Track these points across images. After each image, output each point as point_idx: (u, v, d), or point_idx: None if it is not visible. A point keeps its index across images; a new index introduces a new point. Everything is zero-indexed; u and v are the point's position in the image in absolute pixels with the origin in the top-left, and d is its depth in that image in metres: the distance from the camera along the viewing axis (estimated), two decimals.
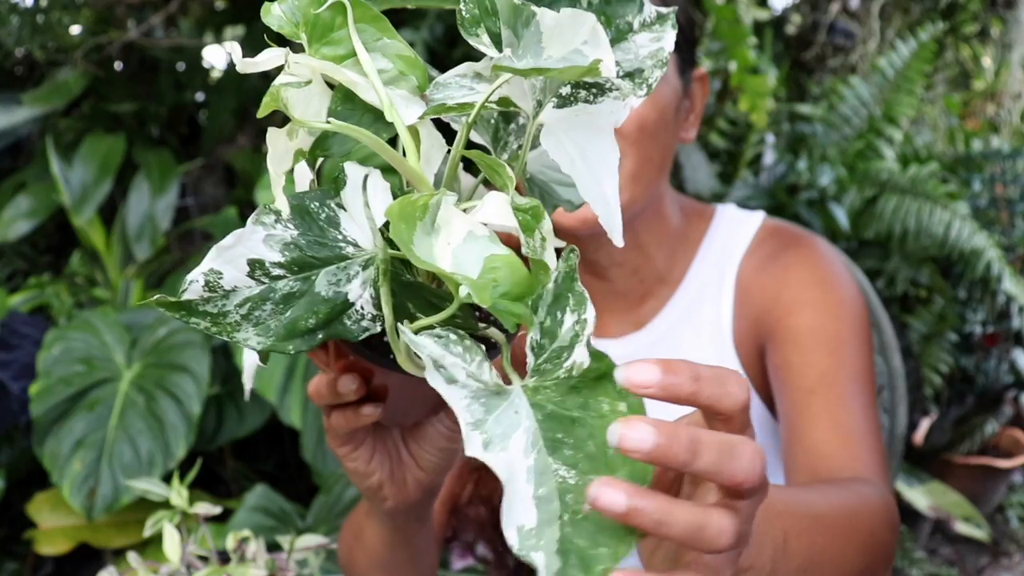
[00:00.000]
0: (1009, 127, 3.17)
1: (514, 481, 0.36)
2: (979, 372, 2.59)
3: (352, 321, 0.42)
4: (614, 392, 0.39)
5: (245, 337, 0.41)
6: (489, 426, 0.36)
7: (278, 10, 0.42)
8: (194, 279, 0.40)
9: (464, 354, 0.37)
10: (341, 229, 0.42)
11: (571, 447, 0.37)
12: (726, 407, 0.39)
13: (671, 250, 0.93)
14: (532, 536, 0.35)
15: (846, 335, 0.83)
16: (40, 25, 2.15)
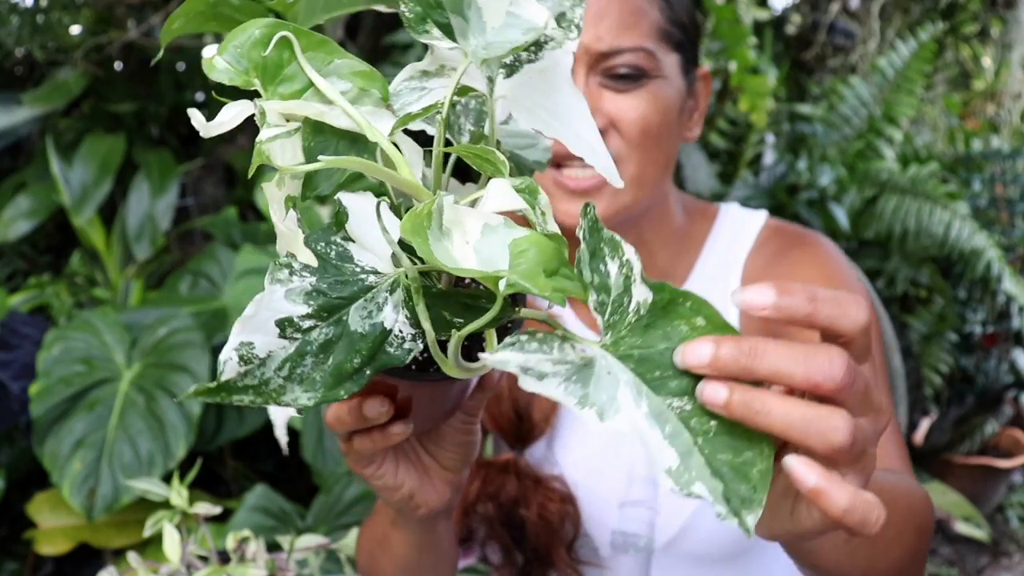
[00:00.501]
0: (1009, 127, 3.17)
1: (642, 433, 0.37)
2: (979, 372, 2.59)
3: (395, 347, 0.41)
4: (688, 312, 0.40)
5: (293, 398, 0.40)
6: (594, 397, 0.38)
7: (223, 63, 0.41)
8: (227, 358, 0.39)
9: (542, 347, 0.38)
10: (356, 261, 0.41)
11: (672, 377, 0.39)
12: (845, 328, 0.40)
13: (675, 249, 0.93)
14: (682, 472, 0.37)
15: None
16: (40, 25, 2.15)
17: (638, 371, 0.39)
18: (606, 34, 0.79)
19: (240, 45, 0.40)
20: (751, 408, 0.38)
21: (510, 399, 0.90)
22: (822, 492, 0.39)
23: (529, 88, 0.44)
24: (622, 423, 0.37)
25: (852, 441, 0.39)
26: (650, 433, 0.38)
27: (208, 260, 2.06)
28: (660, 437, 0.38)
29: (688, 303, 0.40)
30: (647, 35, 0.81)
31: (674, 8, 0.84)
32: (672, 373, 0.39)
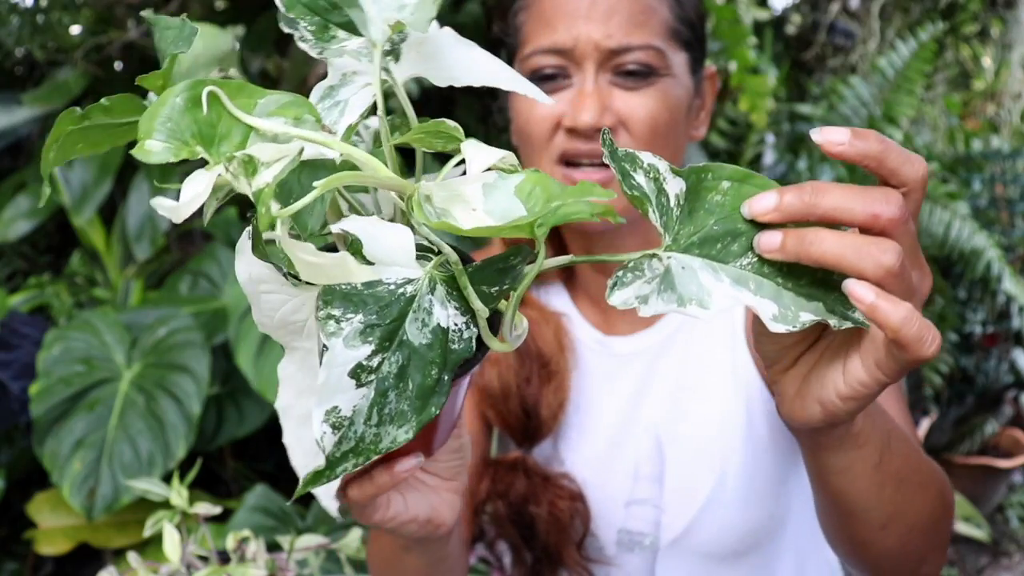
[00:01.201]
0: (1009, 127, 3.17)
1: (737, 299, 0.41)
2: (979, 372, 2.59)
3: (457, 343, 0.41)
4: (712, 183, 0.43)
5: (392, 439, 0.39)
6: (686, 294, 0.41)
7: (158, 145, 0.38)
8: (321, 433, 0.38)
9: (635, 274, 0.42)
10: (385, 281, 0.40)
11: (731, 243, 0.42)
12: (907, 175, 0.43)
13: None
14: (786, 313, 0.41)
15: None
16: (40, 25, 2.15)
17: (703, 254, 0.42)
18: (616, 31, 0.79)
19: (169, 118, 0.38)
20: (805, 241, 0.41)
21: (518, 397, 0.89)
22: (878, 307, 0.41)
23: (427, 55, 0.46)
24: (721, 301, 0.41)
25: (902, 266, 0.41)
26: (742, 296, 0.41)
27: (208, 260, 2.06)
28: (751, 295, 0.41)
29: (709, 174, 0.43)
30: (657, 33, 0.81)
31: (683, 6, 0.84)
32: (729, 240, 0.42)
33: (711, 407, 0.89)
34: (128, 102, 0.41)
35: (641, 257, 0.42)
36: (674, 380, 0.90)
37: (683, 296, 0.41)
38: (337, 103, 0.44)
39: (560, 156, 0.83)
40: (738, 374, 0.89)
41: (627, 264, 0.42)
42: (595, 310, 0.96)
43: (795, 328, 0.41)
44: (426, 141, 0.45)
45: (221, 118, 0.39)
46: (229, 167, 0.37)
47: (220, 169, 0.38)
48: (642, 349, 0.92)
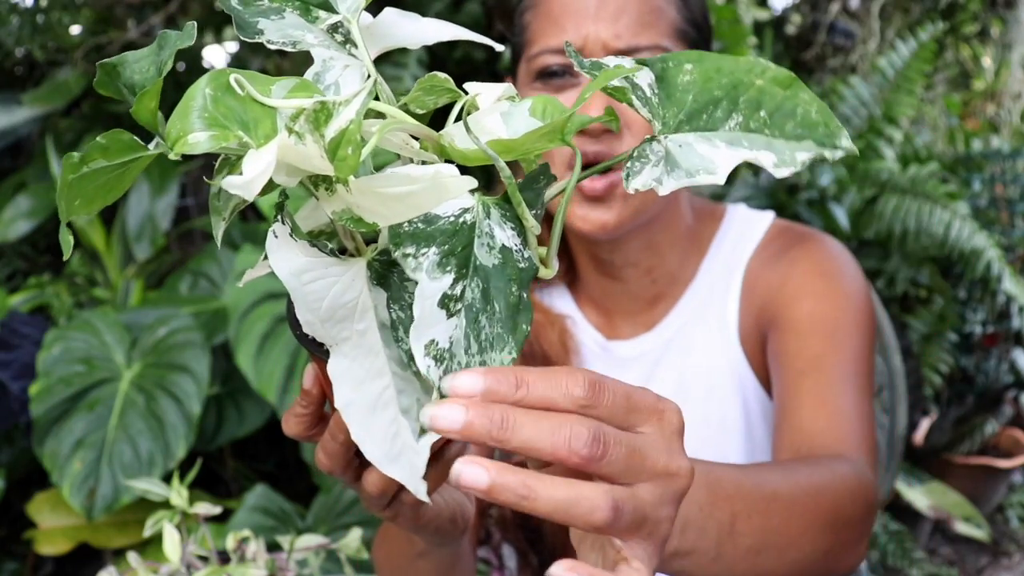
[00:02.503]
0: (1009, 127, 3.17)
1: (741, 158, 0.43)
2: (979, 372, 2.59)
3: (522, 261, 0.42)
4: (675, 69, 0.45)
5: (501, 363, 0.40)
6: (692, 168, 0.43)
7: (200, 135, 0.37)
8: (426, 367, 0.39)
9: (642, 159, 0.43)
10: (443, 214, 0.41)
11: (712, 111, 0.44)
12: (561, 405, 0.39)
13: (683, 250, 0.93)
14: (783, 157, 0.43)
15: (845, 324, 0.83)
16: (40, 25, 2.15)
17: (693, 128, 0.44)
18: (624, 32, 0.79)
19: (204, 109, 0.38)
20: (517, 494, 0.37)
21: None
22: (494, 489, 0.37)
23: (377, 41, 0.48)
24: (725, 163, 0.43)
25: (614, 516, 0.38)
26: (741, 154, 0.43)
27: (208, 260, 2.06)
28: (748, 151, 0.43)
29: (669, 62, 0.45)
30: (665, 34, 0.81)
31: (691, 7, 0.84)
32: (711, 108, 0.44)
33: (710, 409, 0.89)
34: (125, 140, 0.41)
35: (641, 145, 0.43)
36: (674, 383, 0.90)
37: (689, 169, 0.43)
38: (328, 87, 0.45)
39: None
40: (734, 374, 0.89)
41: (632, 154, 0.43)
42: (598, 313, 0.96)
43: (797, 168, 0.43)
44: (420, 100, 0.46)
45: (247, 105, 0.39)
46: (294, 126, 0.37)
47: (283, 136, 0.37)
48: (643, 353, 0.92)
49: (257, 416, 1.88)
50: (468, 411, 0.37)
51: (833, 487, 0.65)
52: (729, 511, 0.52)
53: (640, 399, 0.41)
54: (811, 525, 0.60)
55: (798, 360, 0.81)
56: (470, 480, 0.37)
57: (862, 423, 0.77)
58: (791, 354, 0.82)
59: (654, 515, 0.41)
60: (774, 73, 0.44)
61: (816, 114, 0.43)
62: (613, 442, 0.39)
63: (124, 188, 0.43)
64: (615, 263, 0.91)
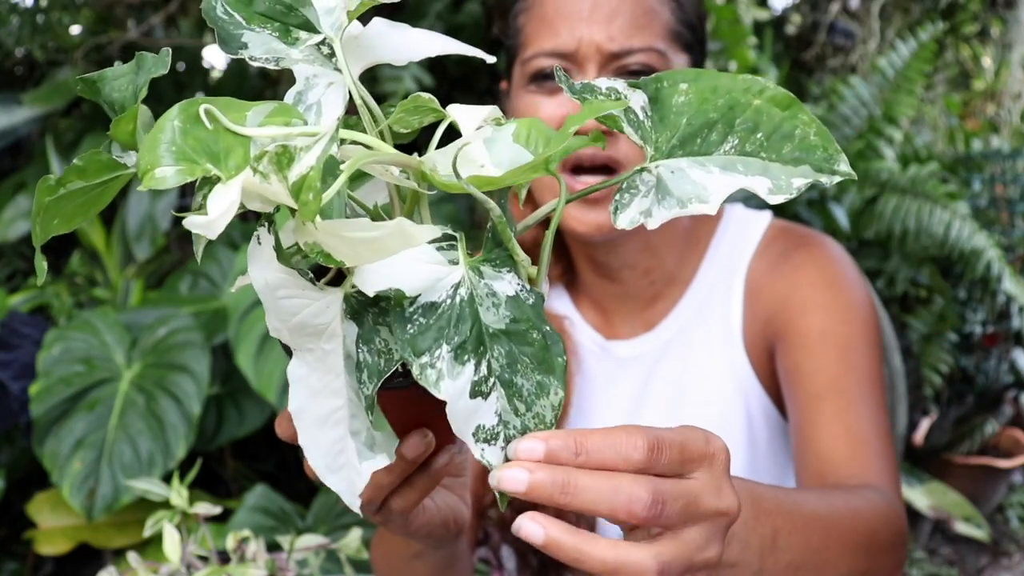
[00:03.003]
0: (1009, 127, 3.17)
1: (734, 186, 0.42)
2: (979, 372, 2.59)
3: (526, 299, 0.42)
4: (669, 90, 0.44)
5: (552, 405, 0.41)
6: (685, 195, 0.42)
7: (168, 171, 0.37)
8: (481, 453, 0.40)
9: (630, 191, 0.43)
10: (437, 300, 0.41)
11: (707, 135, 0.43)
12: (621, 467, 0.42)
13: (681, 251, 0.92)
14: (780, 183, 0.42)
15: (856, 339, 0.83)
16: (40, 25, 2.15)
17: (687, 152, 0.43)
18: (618, 34, 0.79)
19: (172, 143, 0.37)
20: (568, 553, 0.40)
21: None
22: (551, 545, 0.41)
23: (364, 53, 0.48)
24: (719, 191, 0.42)
25: (660, 572, 0.41)
26: (735, 180, 0.42)
27: (208, 260, 2.06)
28: (743, 177, 0.42)
29: (664, 82, 0.44)
30: (659, 35, 0.81)
31: (685, 9, 0.84)
32: (706, 131, 0.43)
33: (711, 410, 0.89)
34: (103, 160, 0.41)
35: (631, 175, 0.43)
36: (674, 384, 0.90)
37: (682, 198, 0.42)
38: (309, 107, 0.45)
39: (561, 167, 0.82)
40: (737, 377, 0.89)
41: (621, 185, 0.42)
42: (596, 313, 0.95)
43: (792, 195, 0.42)
44: (405, 120, 0.46)
45: (219, 135, 0.38)
46: (258, 166, 0.37)
47: (247, 174, 0.37)
48: (642, 353, 0.92)
49: (257, 416, 1.88)
50: (532, 474, 0.40)
51: (869, 513, 0.66)
52: (771, 526, 0.53)
53: (693, 448, 0.43)
54: (848, 547, 0.61)
55: (814, 382, 0.81)
56: (528, 534, 0.41)
57: (883, 444, 0.78)
58: (805, 374, 0.82)
59: (702, 557, 0.43)
60: (772, 93, 0.43)
61: (815, 136, 0.42)
62: (671, 499, 0.41)
63: (104, 204, 0.43)
64: (612, 265, 0.91)
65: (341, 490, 0.43)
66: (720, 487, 0.44)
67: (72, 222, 0.43)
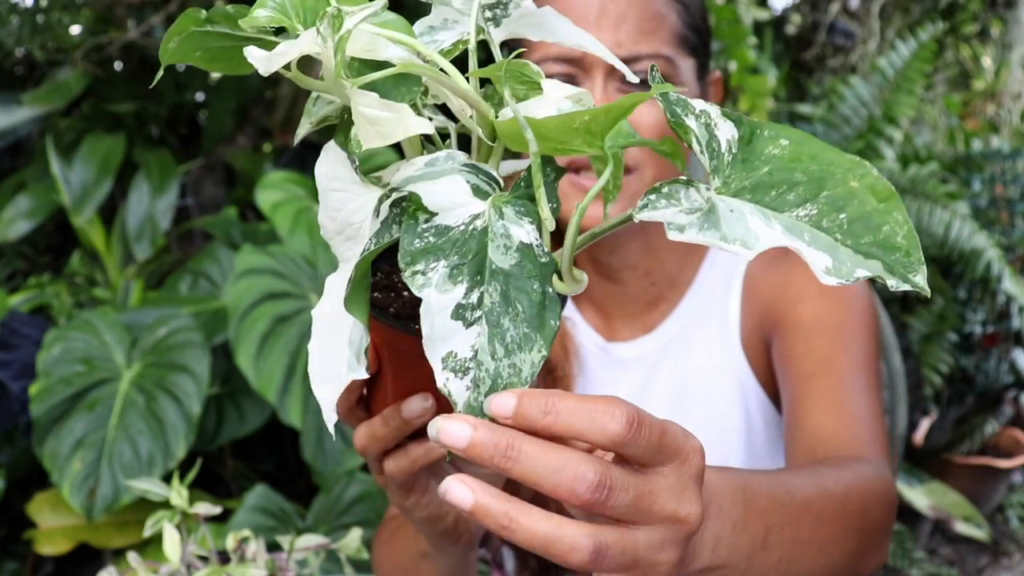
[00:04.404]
0: (1009, 127, 3.17)
1: (786, 244, 0.40)
2: (979, 372, 2.59)
3: (543, 256, 0.41)
4: (768, 139, 0.42)
5: (531, 363, 0.39)
6: (731, 234, 0.40)
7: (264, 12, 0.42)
8: (444, 380, 0.38)
9: (671, 201, 0.40)
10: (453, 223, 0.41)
11: (787, 192, 0.41)
12: (594, 440, 0.40)
13: (682, 252, 0.93)
14: (839, 267, 0.40)
15: (850, 323, 0.83)
16: (40, 25, 2.15)
17: (755, 200, 0.41)
18: (626, 40, 0.78)
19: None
20: (499, 522, 0.38)
21: None
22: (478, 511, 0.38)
23: (520, 28, 0.49)
24: (767, 243, 0.40)
25: (594, 559, 0.39)
26: (795, 244, 0.40)
27: (208, 260, 2.06)
28: (804, 246, 0.40)
29: (766, 130, 0.42)
30: (666, 41, 0.80)
31: (691, 13, 0.83)
32: (786, 188, 0.41)
33: (711, 412, 0.89)
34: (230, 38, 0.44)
35: (673, 184, 0.41)
36: (674, 386, 0.90)
37: (727, 235, 0.40)
38: (434, 41, 0.47)
39: (567, 163, 0.82)
40: (736, 379, 0.89)
41: (659, 188, 0.41)
42: (597, 315, 0.96)
43: (848, 282, 0.39)
44: (509, 82, 0.46)
45: (320, 5, 0.42)
46: (320, 27, 0.39)
47: (312, 33, 0.40)
48: (642, 355, 0.92)
49: (257, 416, 1.88)
50: (475, 431, 0.38)
51: (859, 490, 0.65)
52: (763, 525, 0.52)
53: (671, 439, 0.41)
54: (840, 530, 0.61)
55: (806, 362, 0.81)
56: (455, 498, 0.38)
57: (874, 422, 0.77)
58: (798, 356, 0.82)
59: (650, 558, 0.41)
60: (873, 181, 0.41)
61: (902, 239, 0.40)
62: (619, 487, 0.39)
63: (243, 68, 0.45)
64: (614, 265, 0.91)
65: (323, 400, 0.43)
66: (684, 490, 0.42)
67: (214, 63, 0.46)
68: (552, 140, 0.42)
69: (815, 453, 0.75)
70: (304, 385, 1.64)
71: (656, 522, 0.41)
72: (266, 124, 2.59)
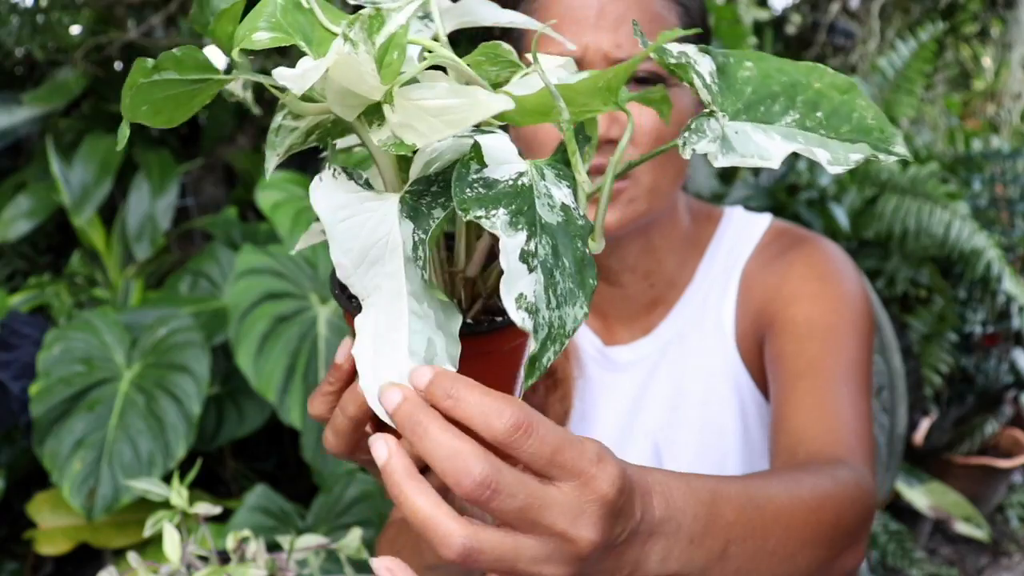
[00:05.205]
0: (1009, 127, 3.17)
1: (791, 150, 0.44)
2: (979, 372, 2.59)
3: (580, 219, 0.43)
4: (736, 64, 0.47)
5: (574, 319, 0.40)
6: (746, 151, 0.44)
7: (264, 35, 0.42)
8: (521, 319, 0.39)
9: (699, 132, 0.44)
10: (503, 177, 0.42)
11: (771, 105, 0.46)
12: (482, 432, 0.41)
13: (681, 253, 0.92)
14: (838, 155, 0.45)
15: (841, 326, 0.82)
16: (40, 25, 2.15)
17: (751, 118, 0.45)
18: (625, 41, 0.78)
19: (272, 15, 0.42)
20: (393, 489, 0.41)
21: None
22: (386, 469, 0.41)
23: (453, 19, 0.50)
24: (779, 152, 0.44)
25: (463, 557, 0.39)
26: (796, 147, 0.44)
27: (208, 260, 2.06)
28: (803, 146, 0.45)
29: (730, 58, 0.47)
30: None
31: (691, 13, 0.83)
32: (770, 102, 0.46)
33: (708, 412, 0.89)
34: (199, 59, 0.43)
35: (698, 119, 0.44)
36: (672, 388, 0.90)
37: (744, 154, 0.44)
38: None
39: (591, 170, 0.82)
40: (732, 380, 0.89)
41: (690, 126, 0.44)
42: (596, 318, 0.96)
43: (850, 167, 0.45)
44: (482, 67, 0.47)
45: (314, 25, 0.42)
46: (350, 33, 0.39)
47: (339, 43, 0.39)
48: (640, 358, 0.92)
49: (257, 416, 1.88)
50: (403, 402, 0.41)
51: (835, 498, 0.64)
52: (724, 539, 0.51)
53: (569, 457, 0.41)
54: (809, 540, 0.59)
55: (795, 364, 0.81)
56: (376, 450, 0.41)
57: (859, 424, 0.76)
58: (788, 357, 0.82)
59: (531, 569, 0.41)
60: (832, 78, 0.46)
61: (872, 120, 0.45)
62: (506, 492, 0.39)
63: (192, 110, 0.45)
64: (613, 267, 0.91)
65: (368, 388, 0.43)
66: (581, 513, 0.41)
67: (160, 116, 0.45)
68: (576, 105, 0.44)
69: (796, 454, 0.75)
70: (304, 385, 1.64)
71: (544, 535, 0.41)
72: (266, 124, 2.58)
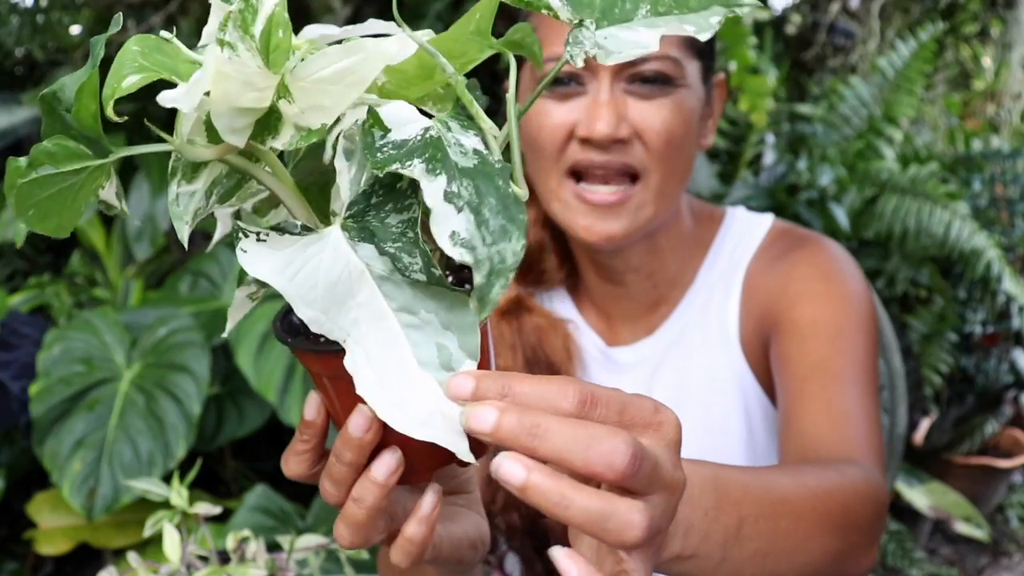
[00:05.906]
0: (1009, 127, 3.17)
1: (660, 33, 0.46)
2: (979, 372, 2.59)
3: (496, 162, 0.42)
4: None
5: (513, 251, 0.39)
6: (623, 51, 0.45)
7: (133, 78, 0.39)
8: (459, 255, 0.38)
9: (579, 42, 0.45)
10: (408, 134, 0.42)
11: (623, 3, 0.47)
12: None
13: (684, 254, 0.92)
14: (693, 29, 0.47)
15: (847, 326, 0.82)
16: (40, 25, 2.15)
17: (611, 21, 0.47)
18: None
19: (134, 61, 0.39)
20: (551, 500, 0.37)
21: None
22: (529, 489, 0.37)
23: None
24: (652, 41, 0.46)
25: (647, 536, 0.38)
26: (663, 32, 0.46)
27: (208, 260, 2.06)
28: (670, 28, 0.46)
29: None
30: (673, 43, 0.80)
31: None
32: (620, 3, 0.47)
33: (711, 413, 0.89)
34: (70, 147, 0.39)
35: (573, 31, 0.45)
36: (674, 388, 0.90)
37: (622, 51, 0.46)
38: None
39: (571, 168, 0.82)
40: (736, 380, 0.89)
41: (568, 40, 0.45)
42: (599, 318, 0.95)
43: (716, 29, 0.46)
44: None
45: (177, 60, 0.40)
46: (224, 36, 0.37)
47: (216, 51, 0.37)
48: (643, 358, 0.92)
49: (257, 416, 1.88)
50: (500, 414, 0.37)
51: (842, 490, 0.64)
52: (736, 515, 0.51)
53: (636, 412, 0.40)
54: (820, 528, 0.59)
55: (802, 365, 0.81)
56: (507, 474, 0.37)
57: (868, 425, 0.77)
58: (794, 359, 0.82)
59: (664, 528, 0.41)
60: None
61: None
62: (647, 457, 0.38)
63: (79, 211, 0.41)
64: (617, 268, 0.91)
65: (440, 436, 0.40)
66: (672, 458, 0.41)
67: (46, 220, 0.41)
68: (456, 57, 0.44)
69: (806, 455, 0.75)
70: (304, 385, 1.64)
71: (663, 490, 0.40)
72: None
